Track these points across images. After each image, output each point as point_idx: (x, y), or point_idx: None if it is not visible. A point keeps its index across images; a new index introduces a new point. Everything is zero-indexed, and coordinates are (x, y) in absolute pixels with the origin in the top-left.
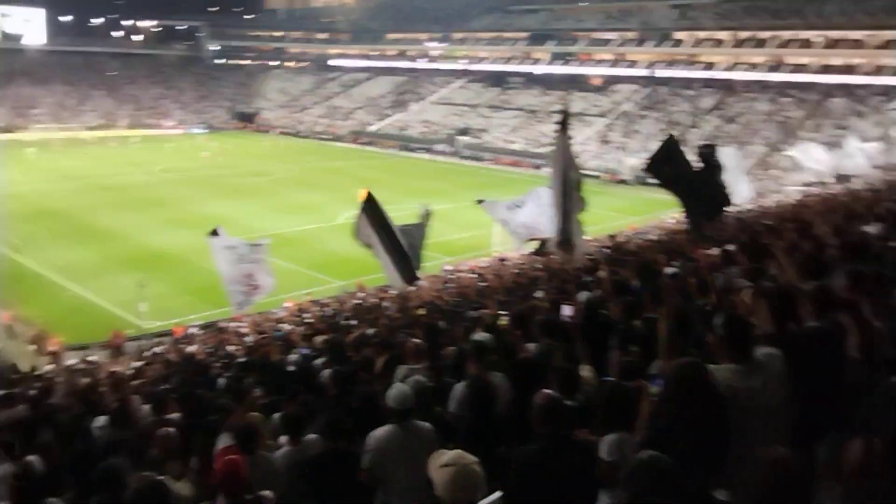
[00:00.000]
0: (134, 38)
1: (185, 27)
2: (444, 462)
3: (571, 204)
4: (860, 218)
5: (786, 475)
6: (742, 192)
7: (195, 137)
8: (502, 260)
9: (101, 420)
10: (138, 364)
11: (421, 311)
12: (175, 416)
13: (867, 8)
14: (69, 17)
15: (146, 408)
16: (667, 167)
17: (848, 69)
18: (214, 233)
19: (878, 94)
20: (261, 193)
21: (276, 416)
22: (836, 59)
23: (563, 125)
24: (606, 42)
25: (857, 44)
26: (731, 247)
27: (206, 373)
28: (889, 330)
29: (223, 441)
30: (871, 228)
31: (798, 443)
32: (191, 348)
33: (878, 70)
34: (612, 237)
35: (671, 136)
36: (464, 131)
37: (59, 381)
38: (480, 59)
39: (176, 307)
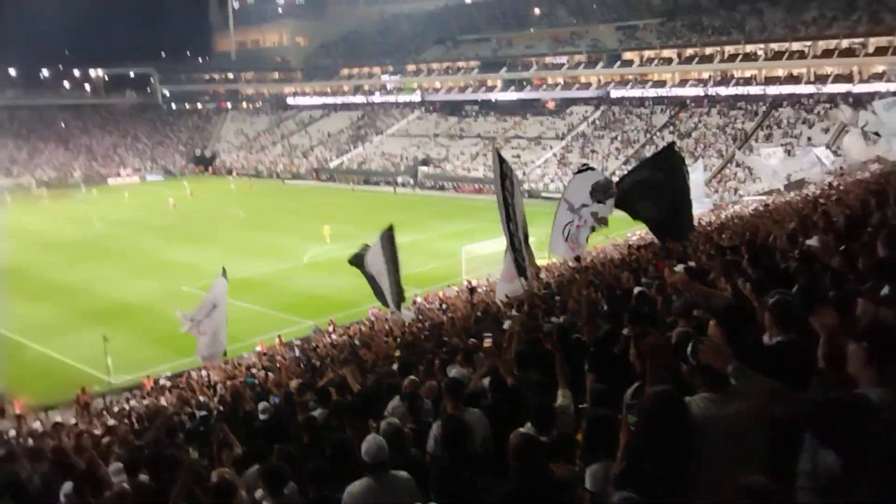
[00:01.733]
0: (84, 87)
1: (136, 74)
2: None
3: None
4: (814, 227)
5: (763, 501)
6: (702, 204)
7: (154, 185)
8: (472, 289)
9: (68, 486)
10: (109, 421)
11: (396, 353)
12: (145, 477)
13: (805, 19)
14: (15, 70)
15: (115, 469)
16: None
17: (792, 79)
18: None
19: (824, 101)
20: (224, 237)
21: (252, 470)
22: (780, 70)
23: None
24: (558, 66)
25: (799, 54)
26: (692, 263)
27: (177, 428)
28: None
29: None
30: (813, 241)
31: (775, 466)
32: (161, 401)
33: (822, 78)
34: (576, 258)
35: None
36: (424, 161)
37: (25, 445)
38: (435, 90)
39: (144, 358)
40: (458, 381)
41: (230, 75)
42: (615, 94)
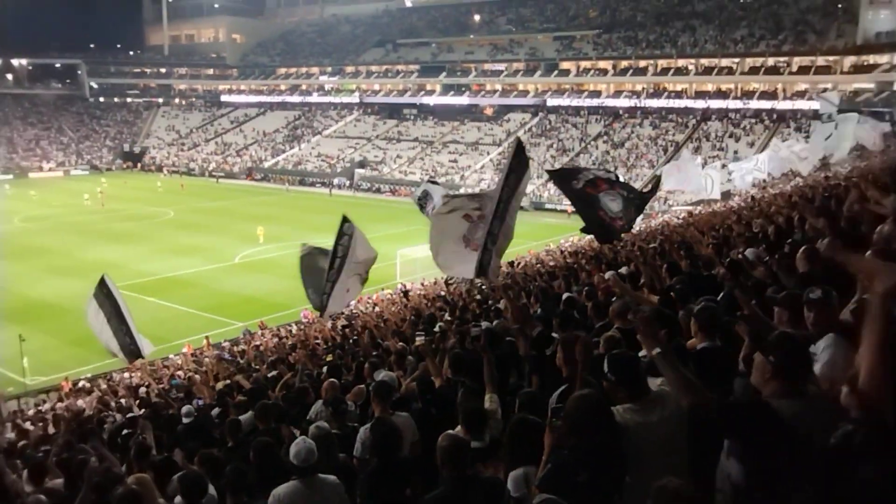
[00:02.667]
0: (6, 76)
1: (62, 65)
2: None
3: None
4: (739, 236)
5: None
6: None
7: (79, 180)
8: (406, 292)
9: None
10: (24, 425)
11: (329, 357)
12: (58, 482)
13: (735, 37)
14: None
15: (27, 476)
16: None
17: (721, 94)
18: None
19: (750, 116)
20: (152, 235)
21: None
22: (710, 84)
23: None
24: (496, 73)
25: (728, 70)
26: (623, 270)
27: (94, 432)
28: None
29: None
30: (748, 253)
31: (694, 470)
32: (80, 404)
33: (748, 94)
34: (511, 264)
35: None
36: (361, 164)
37: None
38: (374, 92)
39: (62, 360)
40: (387, 385)
41: (162, 70)
42: (552, 102)
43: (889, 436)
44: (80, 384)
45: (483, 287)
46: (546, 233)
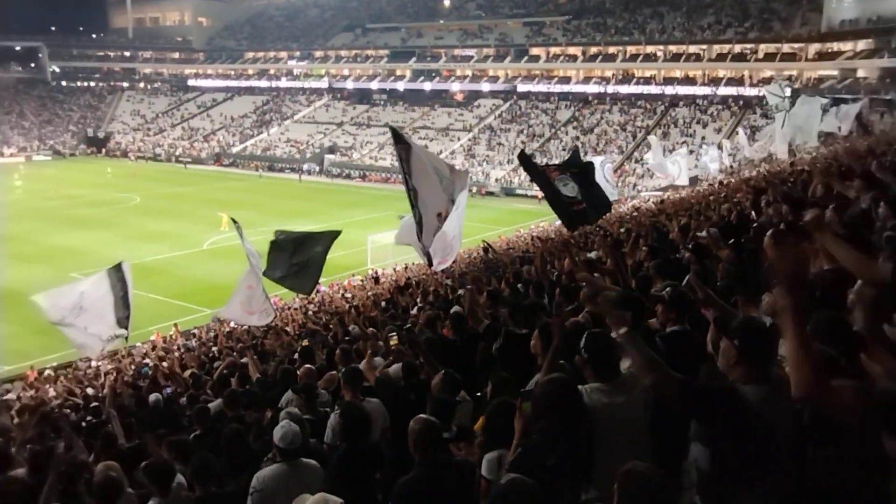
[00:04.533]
0: None
1: (22, 48)
2: None
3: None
4: (706, 220)
5: (645, 489)
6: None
7: (41, 165)
8: (376, 279)
9: None
10: None
11: (304, 342)
12: (21, 471)
13: (702, 24)
14: None
15: None
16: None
17: (689, 80)
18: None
19: (717, 103)
20: (117, 222)
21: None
22: (678, 71)
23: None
24: (466, 58)
25: (696, 57)
26: (592, 255)
27: (61, 420)
28: None
29: None
30: (703, 234)
31: (661, 454)
32: (47, 392)
33: (715, 81)
34: (486, 250)
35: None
36: (331, 149)
37: None
38: (343, 77)
39: (28, 348)
40: (357, 371)
41: (127, 53)
42: (522, 88)
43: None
44: (46, 373)
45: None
46: (517, 218)
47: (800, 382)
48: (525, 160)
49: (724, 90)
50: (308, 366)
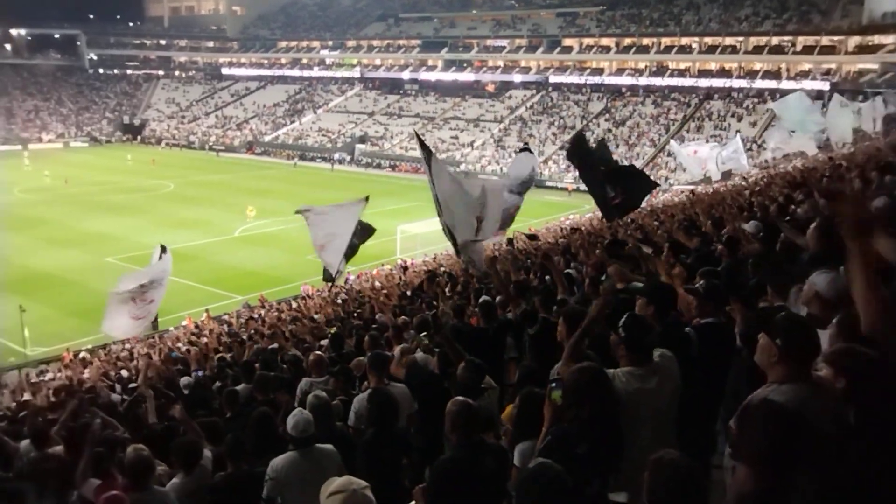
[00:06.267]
0: (4, 47)
1: (61, 35)
2: (332, 490)
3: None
4: (740, 212)
5: (677, 478)
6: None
7: (78, 151)
8: (405, 268)
9: None
10: (24, 395)
11: (332, 330)
12: (58, 449)
13: (739, 16)
14: None
15: (26, 444)
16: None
17: (724, 73)
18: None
19: (753, 96)
20: (151, 208)
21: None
22: (713, 63)
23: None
24: (499, 49)
25: (732, 49)
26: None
27: (97, 401)
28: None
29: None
30: (748, 226)
31: (690, 442)
32: (82, 374)
33: (751, 74)
34: (510, 240)
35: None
36: (362, 139)
37: None
38: (375, 67)
39: (63, 331)
40: (383, 356)
41: (162, 42)
42: (554, 79)
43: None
44: (81, 355)
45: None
46: (547, 210)
47: (869, 319)
48: (577, 146)
49: (760, 83)
50: (319, 353)
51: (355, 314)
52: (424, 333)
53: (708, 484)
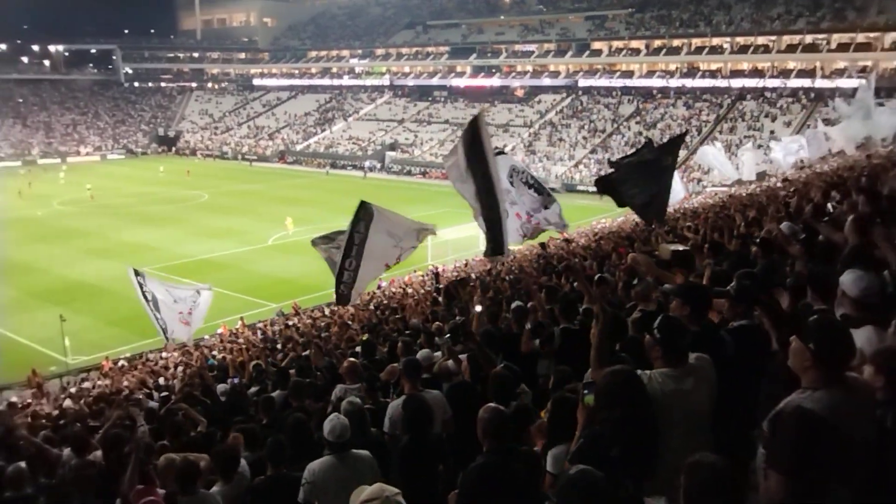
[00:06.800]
0: (43, 63)
1: (97, 51)
2: (365, 498)
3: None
4: (776, 212)
5: (713, 481)
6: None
7: (115, 164)
8: (437, 274)
9: (18, 466)
10: (65, 402)
11: (364, 337)
12: (98, 455)
13: (771, 14)
14: None
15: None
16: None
17: (757, 73)
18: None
19: (787, 95)
20: (186, 218)
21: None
22: (745, 63)
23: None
24: (527, 54)
25: (764, 48)
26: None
27: (137, 408)
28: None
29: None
30: (783, 227)
31: (726, 445)
32: (121, 382)
33: (785, 73)
34: (542, 245)
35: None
36: (392, 146)
37: None
38: (404, 75)
39: (102, 340)
40: (416, 362)
41: (195, 54)
42: (583, 83)
43: None
44: (120, 363)
45: (512, 267)
46: (578, 215)
47: None
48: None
49: (794, 82)
50: (353, 360)
51: (388, 321)
52: (448, 336)
53: (745, 487)
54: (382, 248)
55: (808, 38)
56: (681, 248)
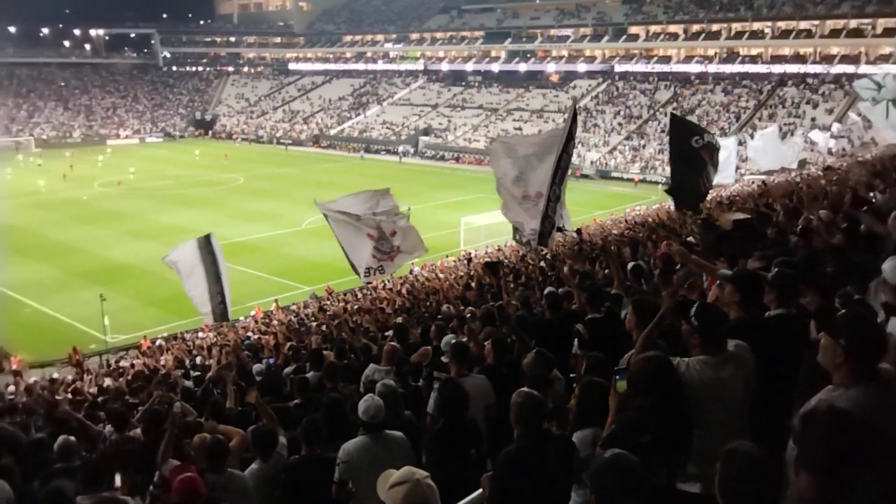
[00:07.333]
0: (84, 47)
1: (137, 35)
2: (394, 481)
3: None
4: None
5: (749, 468)
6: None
7: (153, 146)
8: (469, 259)
9: (61, 441)
10: (105, 380)
11: (399, 320)
12: (137, 432)
13: None
14: (15, 28)
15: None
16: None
17: (798, 58)
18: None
19: (829, 82)
20: (223, 201)
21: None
22: (787, 48)
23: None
24: (562, 38)
25: (807, 33)
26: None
27: (174, 387)
28: None
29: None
30: (822, 214)
31: (763, 434)
32: (158, 361)
33: (828, 58)
34: (578, 231)
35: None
36: (425, 131)
37: (20, 400)
38: (439, 59)
39: (141, 319)
40: (464, 346)
41: (232, 39)
42: (619, 68)
43: None
44: (158, 343)
45: (545, 254)
46: (612, 201)
47: None
48: (679, 122)
49: (837, 68)
50: (394, 343)
51: (420, 305)
52: (477, 321)
53: (780, 476)
54: (352, 230)
55: (853, 23)
56: (742, 216)
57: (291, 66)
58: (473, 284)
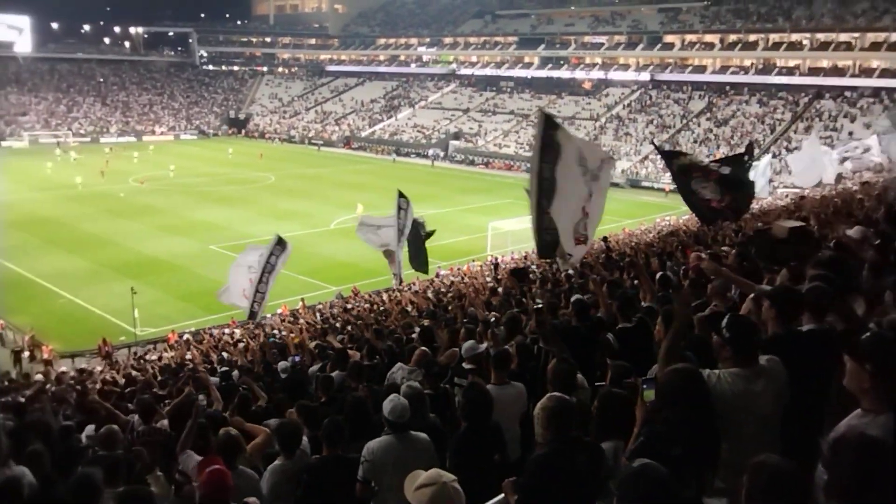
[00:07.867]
0: (123, 44)
1: (174, 33)
2: (421, 483)
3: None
4: (848, 217)
5: (777, 483)
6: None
7: (187, 144)
8: (496, 264)
9: (90, 429)
10: (132, 372)
11: (424, 322)
12: (164, 423)
13: (855, 10)
14: (58, 24)
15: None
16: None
17: (837, 71)
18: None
19: (868, 95)
20: (254, 199)
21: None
22: (825, 60)
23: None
24: (597, 46)
25: (846, 45)
26: (725, 249)
27: (202, 380)
28: None
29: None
30: (852, 232)
31: (793, 449)
32: (185, 354)
33: (867, 71)
34: (605, 240)
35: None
36: (456, 135)
37: (51, 388)
38: (471, 64)
39: (170, 313)
40: (507, 353)
41: (267, 39)
42: (654, 76)
43: None
44: (185, 337)
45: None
46: (642, 211)
47: None
48: (664, 151)
49: (877, 82)
50: (424, 348)
51: (447, 308)
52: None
53: (809, 492)
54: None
55: (894, 36)
56: (797, 224)
57: (325, 67)
58: (500, 290)
